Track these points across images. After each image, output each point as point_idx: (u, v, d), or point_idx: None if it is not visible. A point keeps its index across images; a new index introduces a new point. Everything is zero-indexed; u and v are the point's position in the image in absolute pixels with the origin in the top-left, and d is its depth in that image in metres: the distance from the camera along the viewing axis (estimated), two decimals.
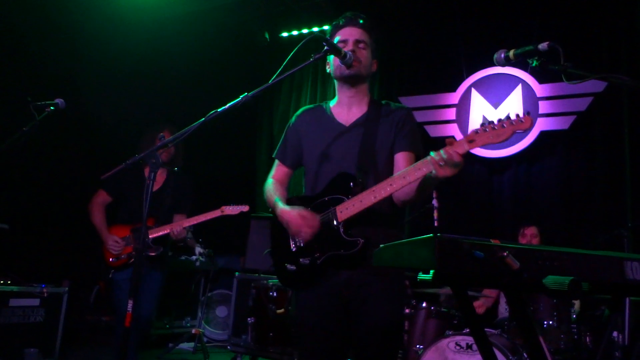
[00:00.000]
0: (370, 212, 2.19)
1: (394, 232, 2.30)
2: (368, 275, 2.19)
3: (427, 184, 2.09)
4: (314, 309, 2.28)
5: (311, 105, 2.62)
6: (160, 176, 4.17)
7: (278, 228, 2.35)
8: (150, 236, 3.94)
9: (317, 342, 2.27)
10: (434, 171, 1.93)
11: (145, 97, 6.28)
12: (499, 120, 1.82)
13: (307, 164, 2.48)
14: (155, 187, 4.15)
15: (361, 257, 2.14)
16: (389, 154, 2.33)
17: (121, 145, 4.61)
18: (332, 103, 2.52)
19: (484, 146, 1.87)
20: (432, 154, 1.92)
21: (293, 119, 2.58)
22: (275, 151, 2.61)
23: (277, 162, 2.59)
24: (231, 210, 4.09)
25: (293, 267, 2.28)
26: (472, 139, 1.86)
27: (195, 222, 3.96)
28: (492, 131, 1.82)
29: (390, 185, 2.06)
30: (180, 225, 3.92)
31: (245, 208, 4.14)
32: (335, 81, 2.47)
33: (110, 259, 3.98)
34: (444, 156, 1.87)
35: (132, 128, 5.65)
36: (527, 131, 1.75)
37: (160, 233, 3.96)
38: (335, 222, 2.18)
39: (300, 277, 2.29)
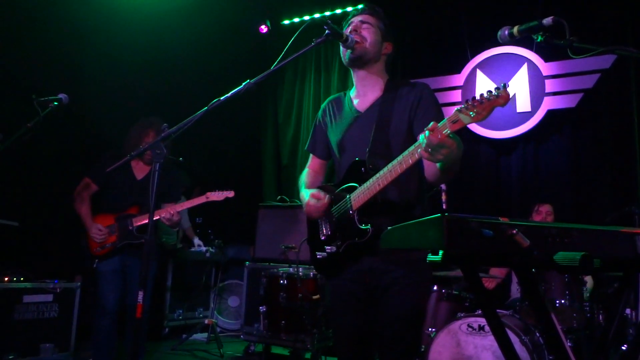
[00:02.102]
0: (385, 200, 2.19)
1: (410, 219, 2.23)
2: (391, 263, 2.20)
3: (444, 164, 1.98)
4: (341, 294, 2.35)
5: (335, 95, 2.64)
6: (147, 165, 4.15)
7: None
8: (135, 224, 3.93)
9: (346, 327, 2.33)
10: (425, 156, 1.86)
11: (148, 89, 6.27)
12: (480, 96, 1.71)
13: (332, 154, 2.54)
14: (141, 176, 4.16)
15: (374, 245, 2.15)
16: (405, 137, 2.25)
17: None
18: (351, 92, 2.52)
19: (469, 124, 1.76)
20: (421, 138, 1.84)
21: (320, 110, 2.62)
22: (307, 144, 2.68)
23: (310, 154, 2.67)
24: (216, 196, 4.06)
25: (322, 255, 2.36)
26: (455, 119, 1.76)
27: (180, 209, 3.91)
28: (472, 109, 1.72)
29: (391, 171, 2.03)
30: (173, 208, 3.86)
31: (230, 193, 4.09)
32: (350, 69, 2.47)
33: (95, 249, 3.94)
34: (425, 141, 1.80)
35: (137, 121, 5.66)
36: (505, 104, 1.57)
37: (145, 221, 3.92)
38: (350, 211, 2.21)
39: (328, 264, 2.36)
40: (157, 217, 3.83)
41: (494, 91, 1.68)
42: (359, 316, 2.30)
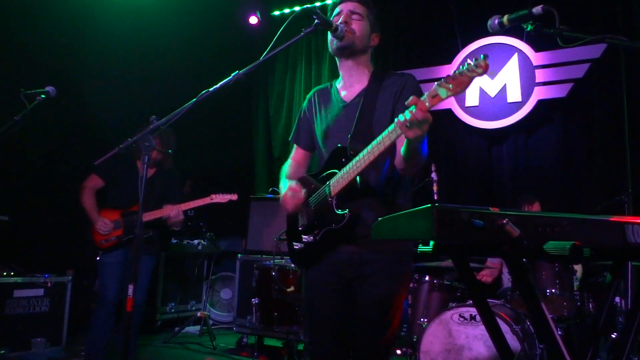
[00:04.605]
0: (365, 186, 2.17)
1: (390, 207, 2.23)
2: (369, 253, 2.18)
3: (410, 148, 1.98)
4: (318, 286, 2.31)
5: (321, 86, 2.61)
6: (150, 168, 4.25)
7: None
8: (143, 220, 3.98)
9: (322, 319, 2.29)
10: (403, 134, 1.85)
11: (137, 81, 6.22)
12: (458, 70, 1.72)
13: (316, 144, 2.50)
14: (147, 176, 4.17)
15: (351, 231, 2.13)
16: (388, 125, 2.19)
17: (118, 131, 4.56)
18: (337, 81, 2.50)
19: (449, 97, 1.77)
20: (400, 116, 1.84)
21: (305, 101, 2.60)
22: (291, 135, 2.65)
23: (294, 145, 2.63)
24: (220, 198, 4.24)
25: (299, 246, 2.33)
26: (434, 93, 1.78)
27: (185, 208, 4.09)
28: (452, 81, 1.72)
29: (370, 153, 1.99)
30: (179, 207, 4.04)
31: (234, 197, 4.30)
32: (337, 59, 2.43)
33: (100, 241, 4.03)
34: (408, 117, 1.80)
35: (129, 114, 5.62)
36: (483, 74, 1.61)
37: (153, 217, 4.04)
38: (329, 198, 2.18)
39: (306, 255, 2.33)
40: (161, 215, 4.04)
41: (472, 62, 1.68)
42: (335, 308, 2.26)
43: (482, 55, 1.67)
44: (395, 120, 1.87)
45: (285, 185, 2.33)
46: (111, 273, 3.99)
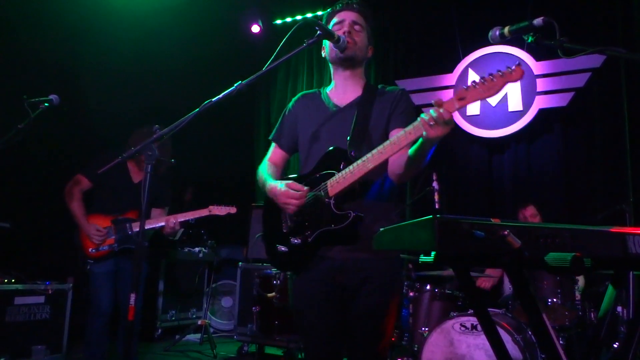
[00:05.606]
0: (365, 189, 2.17)
1: (390, 209, 2.27)
2: (363, 260, 2.16)
3: (420, 151, 1.97)
4: (307, 295, 2.25)
5: (309, 90, 2.60)
6: (142, 171, 4.10)
7: (269, 210, 2.34)
8: (135, 229, 3.89)
9: (313, 329, 2.24)
10: (424, 133, 1.84)
11: (139, 90, 6.24)
12: (489, 74, 1.73)
13: (300, 146, 2.46)
14: (137, 180, 4.11)
15: (352, 232, 2.10)
16: (383, 133, 2.26)
17: (120, 140, 4.57)
18: (328, 88, 2.50)
19: (475, 101, 1.79)
20: (422, 115, 1.84)
21: (291, 102, 2.57)
22: (272, 133, 2.59)
23: (273, 144, 2.57)
24: (218, 210, 4.11)
25: (284, 249, 2.26)
26: (462, 96, 1.78)
27: (181, 219, 3.95)
28: (482, 85, 1.74)
29: (381, 153, 1.98)
30: (175, 218, 3.91)
31: (233, 210, 4.17)
32: (331, 65, 2.46)
33: (91, 249, 3.89)
34: (434, 115, 1.79)
35: (130, 122, 5.63)
36: (517, 81, 1.65)
37: (153, 225, 3.94)
38: (326, 198, 2.14)
39: (292, 258, 2.26)
40: (161, 224, 3.90)
41: (506, 69, 1.70)
42: (327, 317, 2.22)
43: (518, 63, 1.70)
44: (418, 119, 1.86)
45: (280, 184, 2.23)
46: (103, 283, 3.90)
